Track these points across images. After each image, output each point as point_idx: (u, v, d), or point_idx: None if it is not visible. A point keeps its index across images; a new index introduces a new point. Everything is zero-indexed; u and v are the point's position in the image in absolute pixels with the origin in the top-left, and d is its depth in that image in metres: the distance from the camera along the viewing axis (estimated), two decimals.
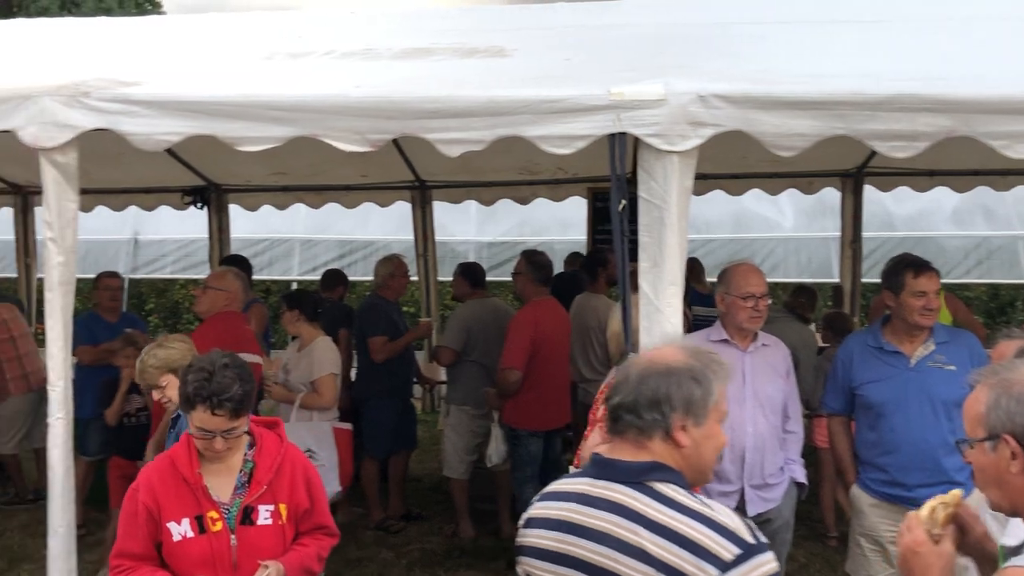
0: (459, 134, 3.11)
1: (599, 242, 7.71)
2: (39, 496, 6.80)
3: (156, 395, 3.66)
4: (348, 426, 5.20)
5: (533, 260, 5.38)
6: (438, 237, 8.63)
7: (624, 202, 3.13)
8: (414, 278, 7.80)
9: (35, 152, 3.24)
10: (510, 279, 8.39)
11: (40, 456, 6.93)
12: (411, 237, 8.51)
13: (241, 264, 6.25)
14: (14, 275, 8.52)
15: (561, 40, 4.42)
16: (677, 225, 3.04)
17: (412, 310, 9.75)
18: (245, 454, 2.71)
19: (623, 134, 3.04)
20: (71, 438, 3.36)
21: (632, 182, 7.00)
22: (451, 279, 6.58)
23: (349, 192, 7.83)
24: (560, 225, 9.46)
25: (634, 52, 3.96)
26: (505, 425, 5.26)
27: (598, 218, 7.71)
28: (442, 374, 6.67)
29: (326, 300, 6.11)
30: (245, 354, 4.42)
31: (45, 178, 3.23)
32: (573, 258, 7.55)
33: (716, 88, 3.00)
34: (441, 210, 8.43)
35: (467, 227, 9.99)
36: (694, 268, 6.62)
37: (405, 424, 6.02)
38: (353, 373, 6.29)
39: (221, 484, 2.67)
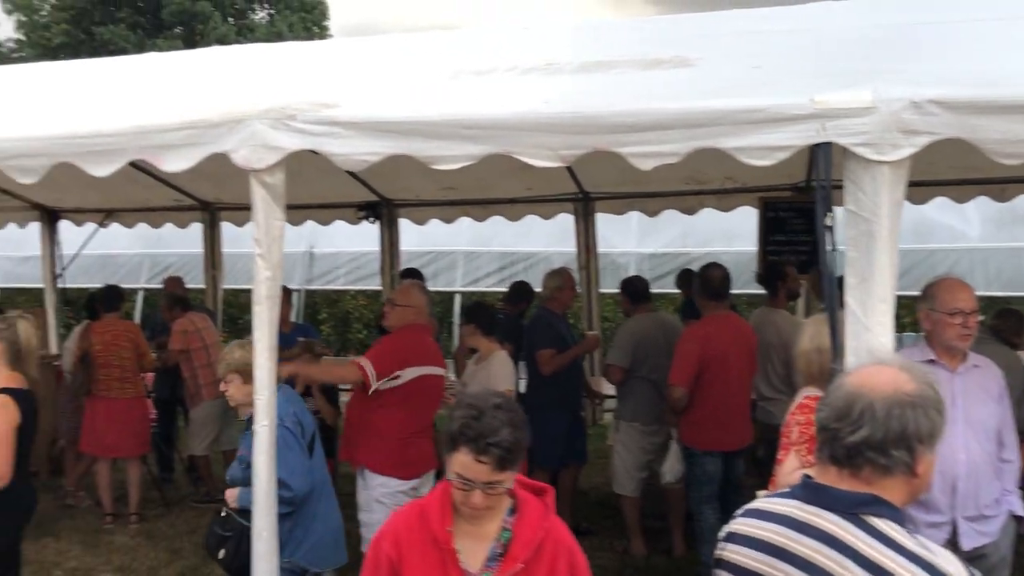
0: (654, 147, 3.05)
1: (770, 254, 7.47)
2: None
3: (222, 387, 3.92)
4: None
5: (702, 275, 5.23)
6: (599, 248, 8.61)
7: (830, 214, 2.99)
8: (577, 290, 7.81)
9: (225, 172, 3.45)
10: (674, 291, 8.31)
11: (228, 458, 7.38)
12: (571, 249, 8.52)
13: (417, 277, 6.44)
14: (203, 286, 9.07)
15: (745, 47, 4.28)
16: (888, 239, 2.86)
17: (572, 322, 9.76)
18: (504, 521, 2.31)
19: (828, 144, 2.91)
20: (274, 445, 3.51)
21: (804, 190, 6.74)
22: (611, 291, 6.51)
23: (513, 205, 7.92)
24: (725, 236, 9.22)
25: (827, 57, 3.79)
26: (681, 443, 5.14)
27: (770, 229, 7.46)
28: (608, 388, 6.63)
29: (502, 313, 6.18)
30: (430, 367, 4.58)
31: (254, 197, 3.41)
32: (686, 276, 7.11)
33: (932, 93, 2.82)
34: (601, 221, 8.40)
35: (627, 238, 9.91)
36: None
37: (575, 437, 6.00)
38: (522, 385, 6.34)
39: (473, 550, 2.29)
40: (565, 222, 8.39)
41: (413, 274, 6.80)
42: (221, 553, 3.82)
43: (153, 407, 7.44)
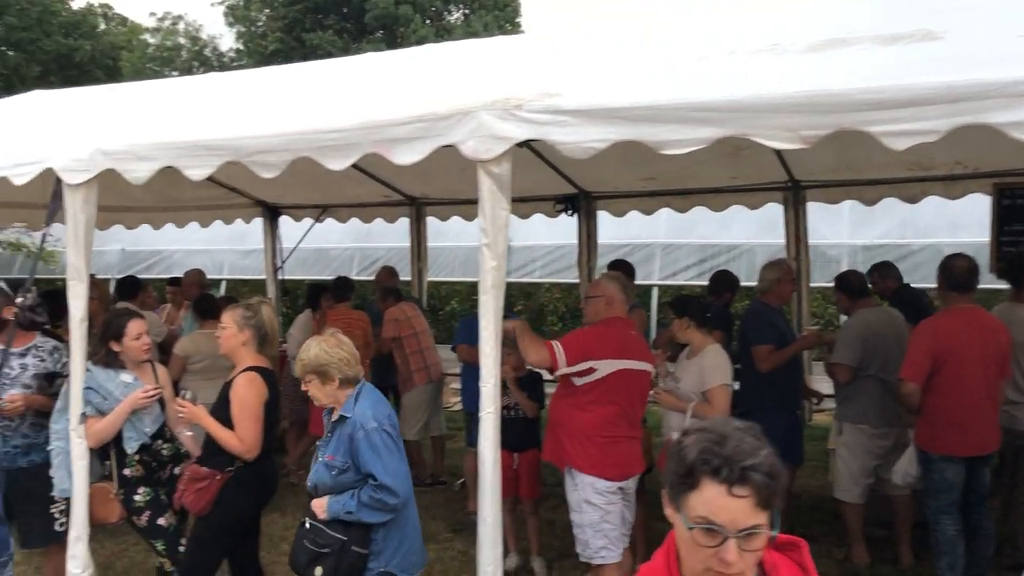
0: (909, 125, 2.81)
1: (1005, 244, 6.83)
2: (436, 481, 7.46)
3: (304, 386, 3.78)
4: None
5: (945, 265, 4.80)
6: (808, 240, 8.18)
7: None
8: None
9: (431, 168, 3.47)
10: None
11: (436, 444, 7.62)
12: (777, 240, 8.14)
13: (624, 269, 6.37)
14: (408, 278, 9.42)
15: (997, 17, 3.89)
16: None
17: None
18: None
19: None
20: (499, 432, 3.55)
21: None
22: (821, 285, 6.13)
23: (717, 195, 7.66)
24: (949, 226, 8.54)
25: None
26: (917, 446, 4.77)
27: (1006, 217, 6.81)
28: (826, 386, 6.28)
29: (711, 305, 5.99)
30: (631, 361, 4.46)
31: (481, 188, 3.45)
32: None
33: None
34: (811, 210, 7.98)
35: (838, 229, 9.38)
36: None
37: (792, 437, 5.69)
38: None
39: None
40: (771, 212, 8.03)
41: (619, 265, 6.73)
42: (318, 571, 3.53)
43: None
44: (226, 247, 13.02)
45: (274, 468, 4.32)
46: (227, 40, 28.86)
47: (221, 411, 4.08)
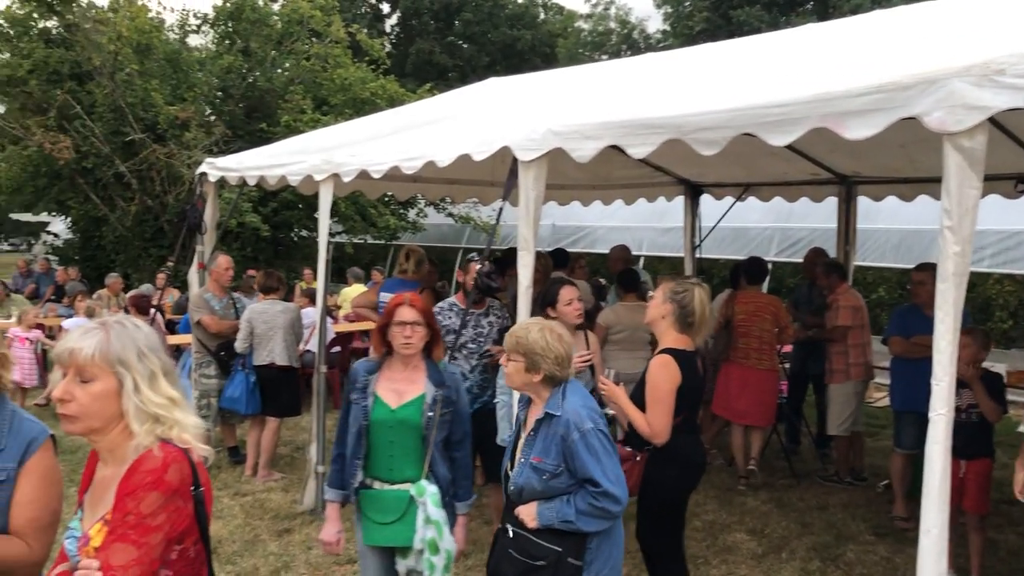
0: None
1: None
2: (857, 478, 7.03)
3: (503, 361, 3.37)
4: None
5: None
6: None
7: None
8: None
9: (863, 145, 3.10)
10: None
11: (855, 441, 7.15)
12: None
13: None
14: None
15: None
16: None
17: None
18: None
19: None
20: (950, 436, 3.19)
21: None
22: None
23: None
24: None
25: None
26: None
27: None
28: None
29: None
30: None
31: (947, 163, 3.09)
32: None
33: None
34: None
35: None
36: None
37: None
38: None
39: None
40: None
41: None
42: None
43: (785, 379, 7.56)
44: (645, 224, 13.42)
45: (698, 449, 4.27)
46: (654, 22, 29.63)
47: (639, 392, 4.11)
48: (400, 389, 3.60)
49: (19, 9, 14.34)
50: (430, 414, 3.54)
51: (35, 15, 14.44)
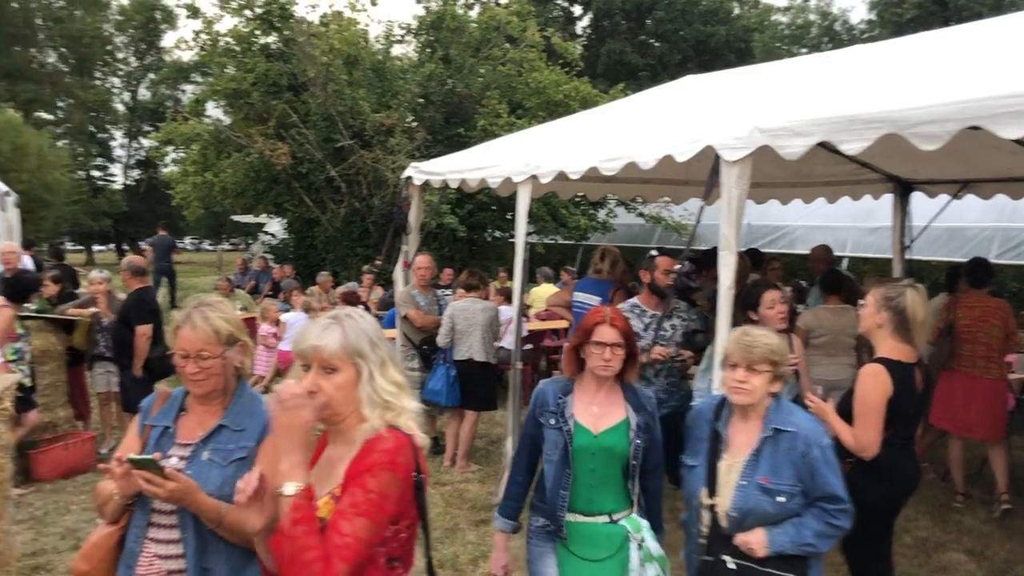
0: None
1: None
2: None
3: (746, 374, 3.05)
4: None
5: None
6: None
7: None
8: None
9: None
10: None
11: None
12: None
13: None
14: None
15: None
16: None
17: None
18: None
19: None
20: None
21: None
22: None
23: None
24: None
25: None
26: None
27: None
28: None
29: None
30: None
31: None
32: None
33: None
34: None
35: None
36: None
37: None
38: None
39: None
40: None
41: None
42: None
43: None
44: (849, 224, 12.78)
45: (909, 464, 4.02)
46: (858, 12, 28.17)
47: (847, 402, 3.92)
48: (599, 413, 3.30)
49: (244, 27, 15.62)
50: (638, 441, 3.25)
51: (257, 32, 15.67)
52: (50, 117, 39.96)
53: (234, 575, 2.57)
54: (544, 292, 11.55)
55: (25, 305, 7.38)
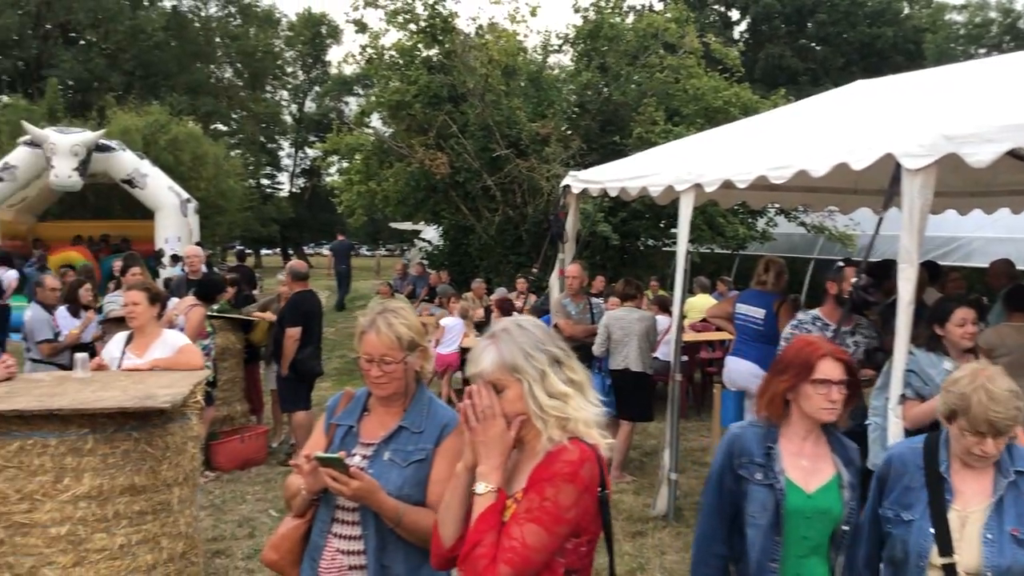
0: None
1: None
2: None
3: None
4: None
5: None
6: None
7: None
8: None
9: None
10: None
11: None
12: None
13: None
14: None
15: None
16: None
17: None
18: None
19: None
20: None
21: None
22: None
23: None
24: None
25: None
26: None
27: None
28: None
29: None
30: None
31: None
32: None
33: None
34: None
35: None
36: None
37: None
38: None
39: None
40: None
41: None
42: None
43: None
44: None
45: None
46: None
47: None
48: (809, 468, 2.81)
49: (407, 40, 16.15)
50: (852, 503, 2.78)
51: (420, 45, 16.17)
52: (225, 128, 42.80)
53: (412, 574, 2.65)
54: (700, 303, 11.32)
55: (211, 306, 7.91)
